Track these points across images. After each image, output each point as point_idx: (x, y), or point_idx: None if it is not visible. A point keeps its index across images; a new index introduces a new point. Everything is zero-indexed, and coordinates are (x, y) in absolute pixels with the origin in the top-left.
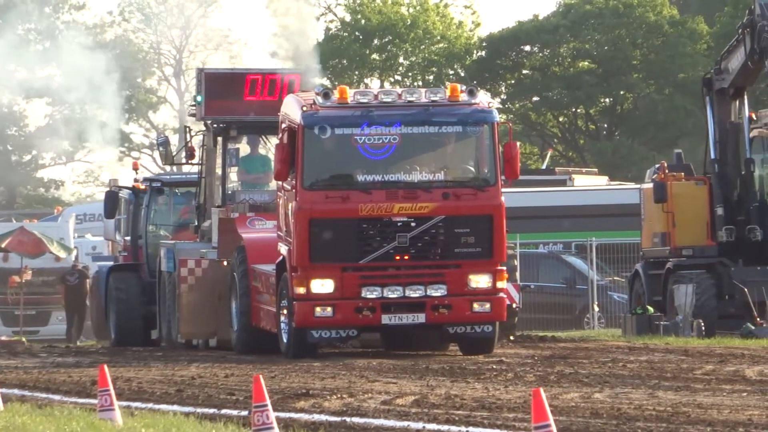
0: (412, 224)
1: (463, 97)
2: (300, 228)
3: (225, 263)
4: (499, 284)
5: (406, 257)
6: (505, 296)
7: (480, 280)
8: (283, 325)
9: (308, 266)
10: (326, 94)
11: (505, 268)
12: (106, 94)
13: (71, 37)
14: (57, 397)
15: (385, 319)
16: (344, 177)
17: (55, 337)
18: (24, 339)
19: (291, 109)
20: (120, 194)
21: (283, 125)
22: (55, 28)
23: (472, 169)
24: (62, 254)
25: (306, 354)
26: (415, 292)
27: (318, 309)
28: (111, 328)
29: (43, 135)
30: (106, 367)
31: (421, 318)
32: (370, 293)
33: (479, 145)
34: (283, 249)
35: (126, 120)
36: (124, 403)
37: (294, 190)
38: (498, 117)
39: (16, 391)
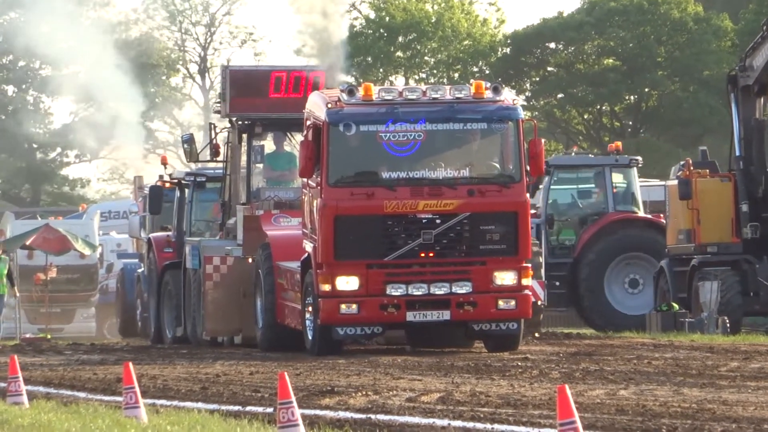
0: (437, 221)
1: (488, 94)
2: (325, 225)
3: (250, 260)
4: (525, 281)
5: (431, 254)
6: (530, 293)
7: (505, 277)
8: (308, 323)
9: (333, 263)
10: (351, 91)
11: (530, 265)
12: (131, 91)
13: (96, 34)
14: (82, 395)
15: (410, 316)
16: (369, 174)
17: (80, 335)
18: (49, 336)
19: (316, 106)
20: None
21: (308, 122)
22: (80, 25)
23: (497, 165)
24: (87, 251)
25: (331, 351)
26: (440, 290)
27: (343, 306)
28: (167, 327)
29: (68, 132)
30: (131, 364)
31: (446, 315)
32: (395, 290)
33: (504, 142)
34: (308, 246)
35: (151, 117)
36: (149, 401)
37: (319, 187)
38: (523, 114)
39: (41, 389)
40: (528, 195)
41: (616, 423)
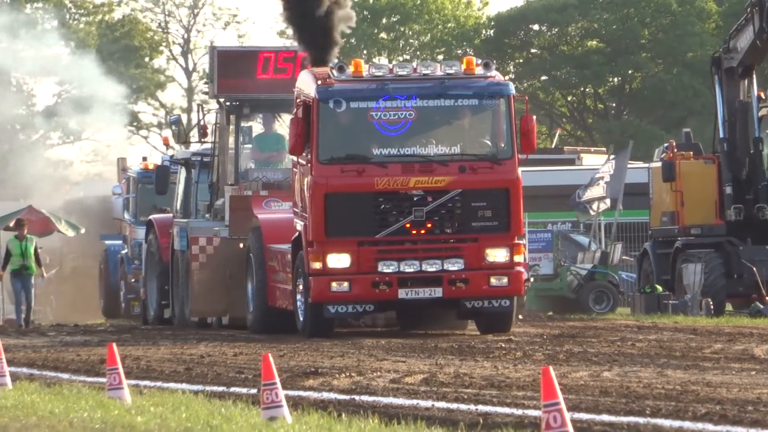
0: (429, 198)
1: (479, 70)
2: (316, 202)
3: (241, 245)
4: (516, 258)
5: (422, 231)
6: (522, 270)
7: (497, 254)
8: (299, 303)
9: (324, 241)
10: (341, 68)
11: (522, 242)
12: (114, 73)
13: (79, 15)
14: (66, 376)
15: (402, 293)
16: (360, 151)
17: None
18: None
19: (306, 84)
20: (162, 169)
21: (298, 100)
22: (62, 6)
23: (489, 142)
24: (70, 233)
25: (323, 330)
26: (431, 267)
27: (334, 284)
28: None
29: (51, 114)
30: (114, 345)
31: (438, 292)
32: (387, 268)
33: (495, 118)
34: (299, 225)
35: (134, 99)
36: (133, 382)
37: (309, 165)
38: (513, 90)
39: (24, 370)
40: (519, 171)
41: (599, 404)
